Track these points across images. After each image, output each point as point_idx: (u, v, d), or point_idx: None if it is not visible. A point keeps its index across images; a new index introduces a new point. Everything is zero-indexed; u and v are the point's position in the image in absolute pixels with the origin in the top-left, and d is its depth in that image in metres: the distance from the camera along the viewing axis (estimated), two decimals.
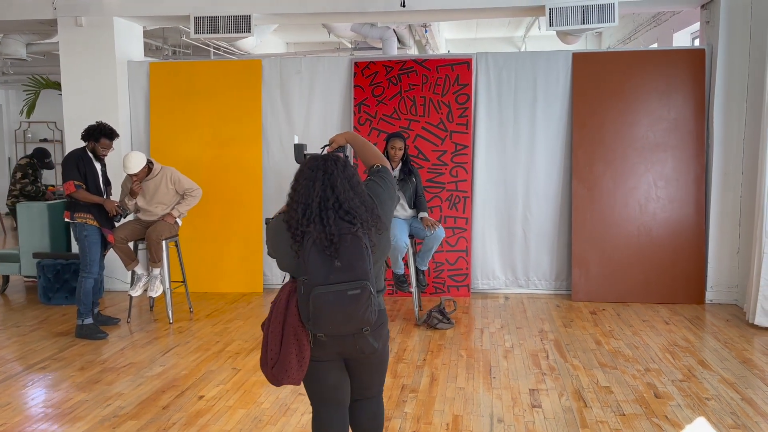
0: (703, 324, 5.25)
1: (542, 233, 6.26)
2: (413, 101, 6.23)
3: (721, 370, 4.19)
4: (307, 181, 2.35)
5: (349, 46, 11.40)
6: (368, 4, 6.06)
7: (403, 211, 5.43)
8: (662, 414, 3.54)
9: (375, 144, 6.03)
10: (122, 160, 5.27)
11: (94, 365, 4.42)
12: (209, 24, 6.22)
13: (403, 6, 5.96)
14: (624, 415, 3.53)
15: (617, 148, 6.00)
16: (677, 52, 6.03)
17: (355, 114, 6.29)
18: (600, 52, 6.19)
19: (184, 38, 9.10)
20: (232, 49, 10.47)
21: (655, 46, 8.83)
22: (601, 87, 6.03)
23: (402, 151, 5.47)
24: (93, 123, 5.18)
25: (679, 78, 5.94)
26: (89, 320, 5.08)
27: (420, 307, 5.42)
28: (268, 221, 2.62)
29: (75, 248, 6.50)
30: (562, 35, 6.30)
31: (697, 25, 7.66)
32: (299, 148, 2.94)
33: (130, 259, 5.32)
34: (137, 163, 5.20)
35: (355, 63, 6.32)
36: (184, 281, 5.73)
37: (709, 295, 5.91)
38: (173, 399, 3.82)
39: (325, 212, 2.31)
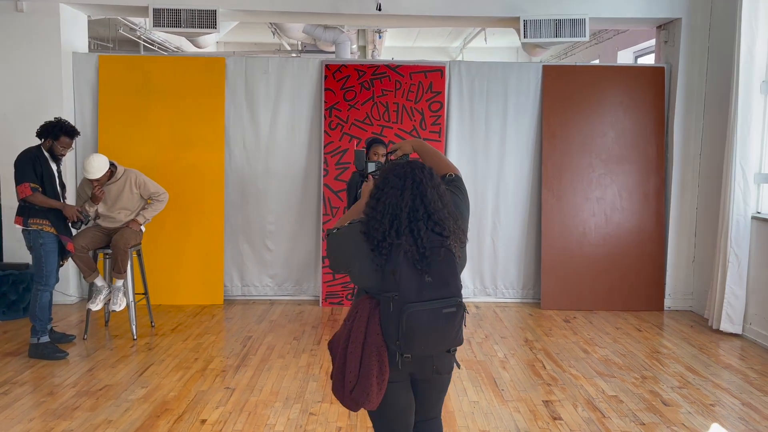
0: (672, 330, 5.46)
1: (511, 242, 6.30)
2: (386, 107, 6.10)
3: (710, 376, 4.35)
4: (394, 189, 2.18)
5: (288, 48, 11.13)
6: (342, 5, 5.88)
7: None
8: (678, 422, 3.61)
9: (351, 148, 5.87)
10: (83, 164, 4.79)
11: (64, 389, 3.96)
12: (170, 17, 5.82)
13: (379, 10, 5.84)
14: (644, 424, 3.56)
15: (584, 160, 6.15)
16: (639, 69, 6.27)
17: (325, 118, 6.08)
18: (569, 65, 6.34)
19: (121, 32, 8.48)
20: (165, 45, 9.92)
21: (628, 61, 9.19)
22: (569, 99, 6.16)
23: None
24: (51, 119, 4.68)
25: (641, 94, 6.18)
26: (45, 338, 4.56)
27: None
28: (330, 232, 2.41)
29: (9, 257, 5.85)
30: (530, 47, 6.40)
31: (642, 45, 8.05)
32: (360, 155, 2.75)
33: (90, 270, 4.84)
34: (100, 166, 4.75)
35: (326, 65, 6.11)
36: (146, 293, 5.29)
37: (667, 302, 6.17)
38: (173, 425, 3.47)
39: (415, 223, 2.16)
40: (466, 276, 6.31)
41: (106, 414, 3.59)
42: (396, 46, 12.26)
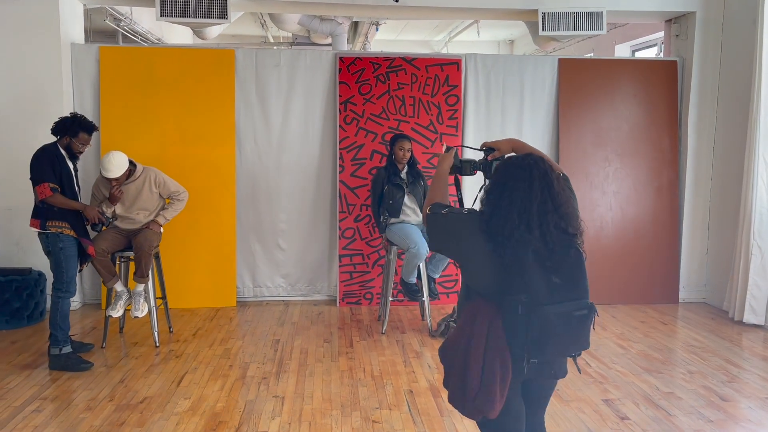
0: (695, 323, 5.49)
1: None
2: (402, 101, 5.95)
3: (753, 368, 4.37)
4: (522, 182, 2.07)
5: (272, 40, 10.84)
6: None
7: (414, 216, 5.16)
8: (744, 417, 3.60)
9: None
10: (101, 162, 4.50)
11: (100, 402, 3.70)
12: (179, 6, 5.52)
13: (396, 1, 5.68)
14: (713, 421, 3.54)
15: (600, 154, 6.14)
16: (652, 63, 6.29)
17: (340, 112, 5.89)
18: (584, 58, 6.31)
19: (107, 22, 8.09)
20: (146, 36, 9.55)
21: (643, 54, 9.22)
22: (585, 93, 6.13)
23: (410, 153, 5.20)
24: (67, 115, 4.39)
25: (654, 87, 6.19)
26: (68, 348, 4.27)
27: (423, 317, 5.16)
28: (436, 212, 2.25)
29: (5, 262, 5.49)
30: (544, 40, 6.33)
31: (641, 39, 8.10)
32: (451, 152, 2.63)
33: (111, 275, 4.55)
34: (120, 164, 4.47)
35: (341, 58, 5.92)
36: (164, 297, 5.03)
37: (682, 295, 6.22)
38: None
39: (543, 217, 2.05)
40: None
41: (156, 429, 3.36)
42: (379, 39, 12.09)
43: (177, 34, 11.02)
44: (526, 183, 2.07)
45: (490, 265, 2.07)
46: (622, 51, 8.44)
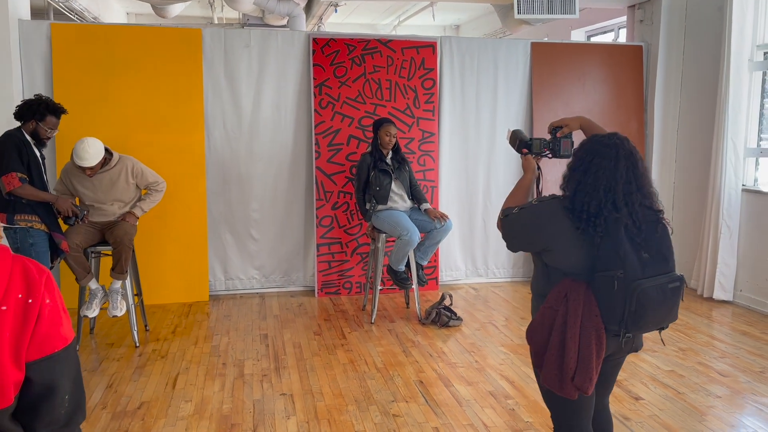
0: None
1: None
2: (378, 84, 5.79)
3: (738, 343, 4.53)
4: (606, 160, 2.08)
5: (216, 22, 10.39)
6: None
7: (402, 202, 5.04)
8: (748, 390, 3.71)
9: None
10: (74, 149, 4.13)
11: (94, 411, 3.40)
12: None
13: None
14: (720, 396, 3.63)
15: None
16: (620, 48, 6.40)
17: (315, 96, 5.67)
18: (555, 42, 6.33)
19: None
20: (83, 14, 8.95)
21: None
22: (557, 77, 6.17)
23: (395, 138, 5.07)
24: (31, 97, 4.00)
25: (622, 71, 6.30)
26: None
27: (408, 305, 5.08)
28: (509, 213, 2.23)
29: None
30: (515, 23, 6.32)
31: (597, 25, 8.24)
32: (518, 133, 2.58)
33: (85, 272, 4.20)
34: (96, 153, 4.12)
35: (314, 39, 5.69)
36: (139, 294, 4.71)
37: None
38: None
39: (629, 196, 2.08)
40: (458, 258, 6.20)
41: None
42: (327, 22, 11.82)
43: (114, 12, 10.41)
44: (612, 162, 2.08)
45: (579, 244, 2.08)
46: (577, 36, 8.57)
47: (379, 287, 5.03)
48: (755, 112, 5.58)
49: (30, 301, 1.24)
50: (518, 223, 2.22)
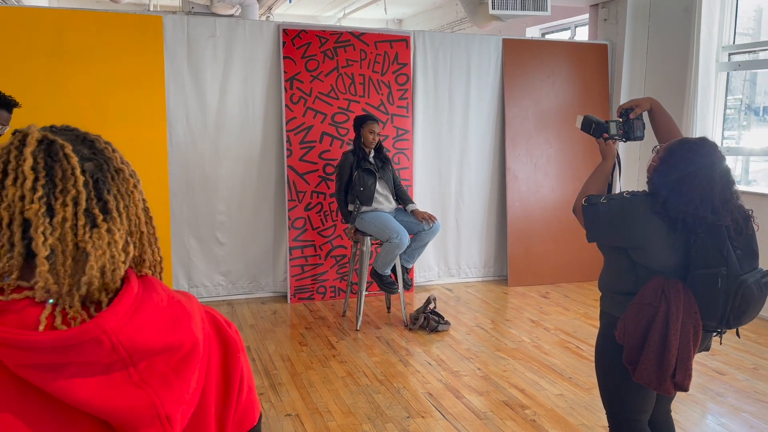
0: None
1: (473, 221, 6.15)
2: (352, 79, 5.54)
3: (728, 342, 4.61)
4: (704, 170, 2.08)
5: (151, 9, 9.75)
6: None
7: (387, 203, 4.83)
8: (751, 390, 3.75)
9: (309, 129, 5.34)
10: None
11: None
12: None
13: None
14: (722, 394, 3.65)
15: (542, 136, 6.18)
16: (586, 46, 6.43)
17: (286, 90, 5.36)
18: (526, 39, 6.29)
19: None
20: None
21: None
22: (527, 74, 6.12)
23: (379, 136, 4.85)
24: None
25: (588, 69, 6.34)
26: None
27: (389, 309, 4.89)
28: (594, 202, 2.23)
29: None
30: (486, 19, 6.22)
31: (552, 23, 8.28)
32: (591, 119, 2.48)
33: None
34: None
35: (284, 30, 5.37)
36: None
37: None
38: None
39: (726, 204, 2.10)
40: (431, 259, 6.05)
41: None
42: (276, 12, 11.38)
43: None
44: (708, 171, 2.08)
45: (673, 244, 2.08)
46: (532, 33, 8.60)
47: (365, 293, 4.80)
48: (720, 113, 5.73)
49: (229, 363, 0.96)
50: (607, 215, 2.18)
